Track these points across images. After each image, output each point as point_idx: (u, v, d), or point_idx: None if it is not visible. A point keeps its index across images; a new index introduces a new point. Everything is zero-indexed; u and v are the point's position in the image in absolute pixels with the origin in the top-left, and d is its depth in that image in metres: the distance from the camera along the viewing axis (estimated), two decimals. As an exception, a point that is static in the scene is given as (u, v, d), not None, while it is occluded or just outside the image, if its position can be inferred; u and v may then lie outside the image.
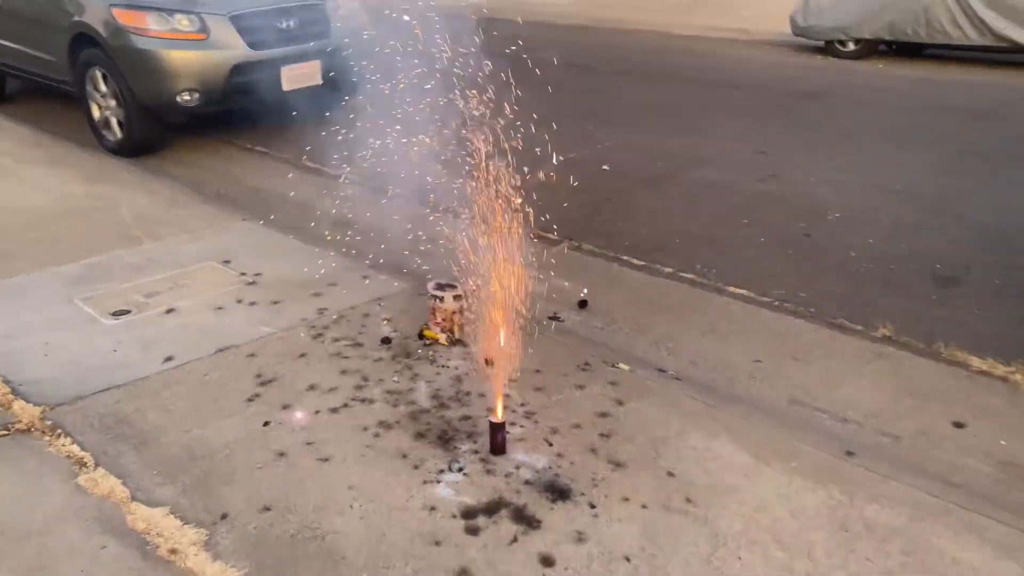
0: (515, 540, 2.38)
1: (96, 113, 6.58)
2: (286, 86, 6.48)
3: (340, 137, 6.40)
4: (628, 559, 2.32)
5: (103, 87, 6.40)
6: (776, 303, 3.99)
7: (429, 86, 4.36)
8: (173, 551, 2.32)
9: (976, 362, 3.41)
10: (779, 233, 4.84)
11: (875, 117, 7.51)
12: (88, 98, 6.55)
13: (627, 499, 2.56)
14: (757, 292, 4.08)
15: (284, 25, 6.45)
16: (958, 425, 3.04)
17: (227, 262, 4.36)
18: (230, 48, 6.20)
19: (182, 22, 6.13)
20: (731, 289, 4.13)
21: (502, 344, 2.93)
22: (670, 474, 2.69)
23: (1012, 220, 4.91)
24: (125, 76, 6.16)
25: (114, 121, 6.45)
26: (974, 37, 9.24)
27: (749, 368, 3.45)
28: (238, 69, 6.24)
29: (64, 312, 3.80)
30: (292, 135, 6.83)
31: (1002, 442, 2.94)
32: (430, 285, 3.54)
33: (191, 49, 6.15)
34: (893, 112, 7.67)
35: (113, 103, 6.37)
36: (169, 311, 3.81)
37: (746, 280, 4.21)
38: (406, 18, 3.84)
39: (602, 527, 2.44)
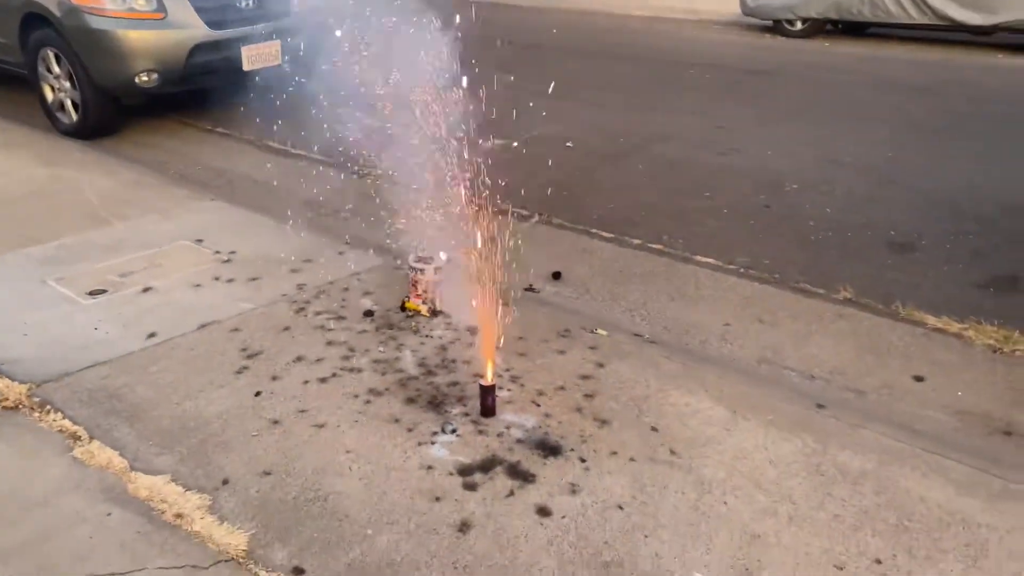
0: (512, 494, 2.48)
1: (49, 95, 6.45)
2: (247, 66, 6.43)
3: (303, 117, 6.39)
4: (620, 507, 2.44)
5: (56, 68, 6.27)
6: (741, 270, 4.14)
7: (392, 68, 4.40)
8: (178, 515, 2.37)
9: (932, 320, 3.60)
10: (740, 204, 5.00)
11: (824, 93, 7.74)
12: (41, 80, 6.42)
13: (615, 453, 2.68)
14: (723, 260, 4.23)
15: (243, 4, 6.39)
16: (918, 379, 3.23)
17: (200, 241, 4.35)
18: (189, 28, 6.12)
19: (139, 1, 6.03)
20: (698, 258, 4.27)
21: (485, 313, 3.02)
22: (653, 429, 2.81)
23: (958, 189, 5.15)
24: (80, 57, 6.05)
25: (68, 103, 6.33)
26: (915, 16, 9.55)
27: (719, 331, 3.59)
28: (198, 49, 6.17)
29: (38, 293, 3.77)
30: (253, 115, 6.79)
31: (959, 393, 3.13)
32: (410, 258, 3.61)
33: (149, 29, 6.06)
34: (841, 88, 7.91)
35: (67, 85, 6.25)
36: (146, 290, 3.80)
37: (712, 249, 4.36)
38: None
39: (593, 479, 2.56)
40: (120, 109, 6.49)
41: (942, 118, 6.83)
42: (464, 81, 3.49)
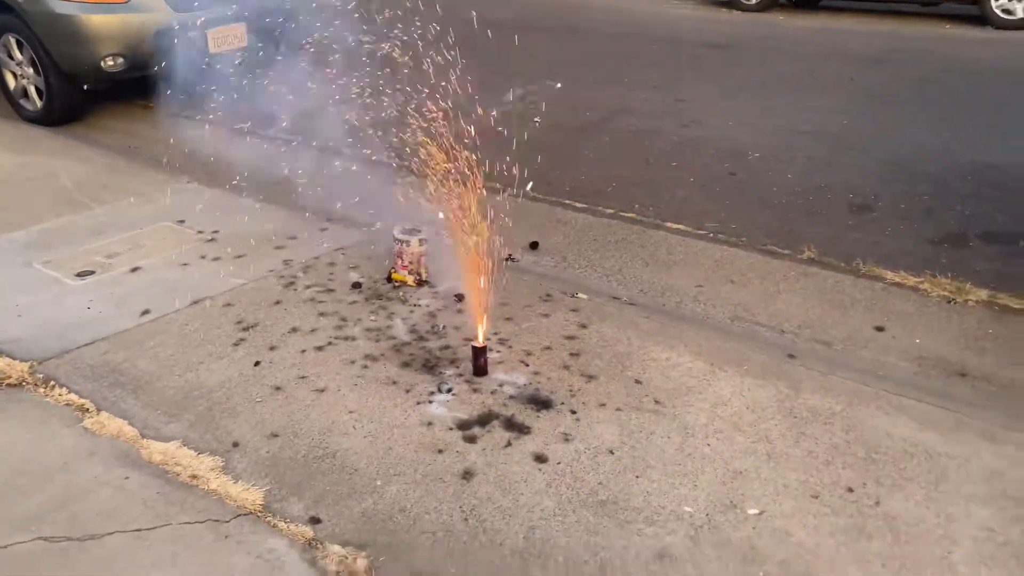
0: (509, 444, 2.64)
1: (12, 82, 6.40)
2: (213, 48, 6.44)
3: (271, 97, 6.43)
4: (611, 452, 2.61)
5: (18, 54, 6.23)
6: (711, 235, 4.33)
7: (356, 43, 4.48)
8: (194, 476, 2.49)
9: (890, 275, 3.82)
10: (706, 174, 5.19)
11: (781, 65, 7.96)
12: (2, 67, 6.37)
13: (603, 404, 2.85)
14: (693, 226, 4.42)
15: (207, -14, 6.39)
16: (879, 329, 3.45)
17: (181, 222, 4.42)
18: (153, 11, 6.12)
19: (101, -15, 6.01)
20: (669, 225, 4.45)
21: (472, 280, 3.16)
22: (637, 382, 2.99)
23: (911, 153, 5.40)
24: (43, 43, 6.01)
25: (32, 89, 6.29)
26: (866, -12, 9.81)
27: (693, 292, 3.78)
28: (163, 32, 6.16)
29: (26, 276, 3.82)
30: (220, 98, 6.81)
31: (916, 340, 3.35)
32: (395, 230, 3.72)
33: (113, 13, 6.04)
34: (797, 60, 8.14)
35: (31, 71, 6.21)
36: (134, 270, 3.87)
37: (681, 216, 4.54)
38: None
39: (585, 428, 2.73)
40: (85, 95, 6.46)
41: (894, 87, 7.09)
42: (429, 60, 3.61)
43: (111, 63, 6.06)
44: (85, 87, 6.42)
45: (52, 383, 2.98)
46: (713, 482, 2.49)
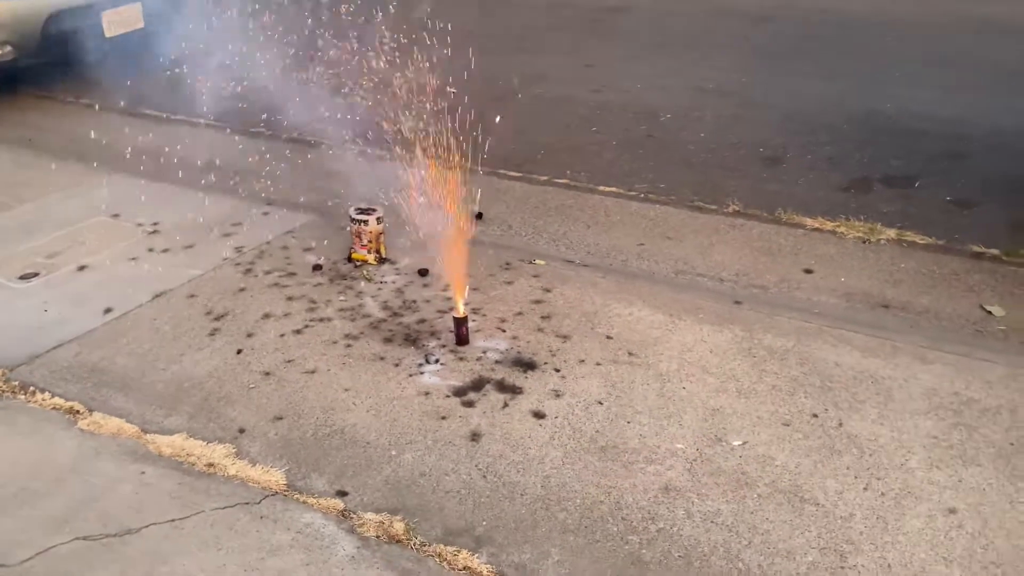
0: (506, 405, 2.82)
1: None
2: (108, 32, 6.22)
3: (174, 80, 6.27)
4: (600, 402, 2.84)
5: None
6: (642, 195, 4.59)
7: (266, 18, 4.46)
8: (210, 465, 2.55)
9: (809, 222, 4.19)
10: (626, 136, 5.45)
11: (676, 26, 8.30)
12: None
13: (583, 361, 3.07)
14: (624, 188, 4.67)
15: (99, -33, 6.13)
16: (807, 271, 3.80)
17: (116, 215, 4.33)
18: (43, -4, 5.84)
19: (-18, -30, 5.68)
20: (601, 188, 4.68)
21: (441, 254, 3.30)
22: (608, 337, 3.22)
23: (808, 106, 5.82)
24: (-76, 33, 5.65)
25: (-89, 84, 5.91)
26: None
27: (636, 250, 4.03)
28: (54, 18, 5.90)
29: (-35, 283, 3.69)
30: (118, 83, 6.57)
31: (841, 279, 3.72)
32: (351, 211, 3.79)
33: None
34: (689, 20, 8.49)
35: (-91, 64, 5.83)
36: (82, 268, 3.80)
37: (612, 179, 4.78)
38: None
39: (571, 384, 2.94)
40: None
41: (780, 42, 7.53)
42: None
43: None
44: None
45: (32, 388, 2.94)
46: (696, 420, 2.75)
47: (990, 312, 3.46)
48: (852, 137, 5.26)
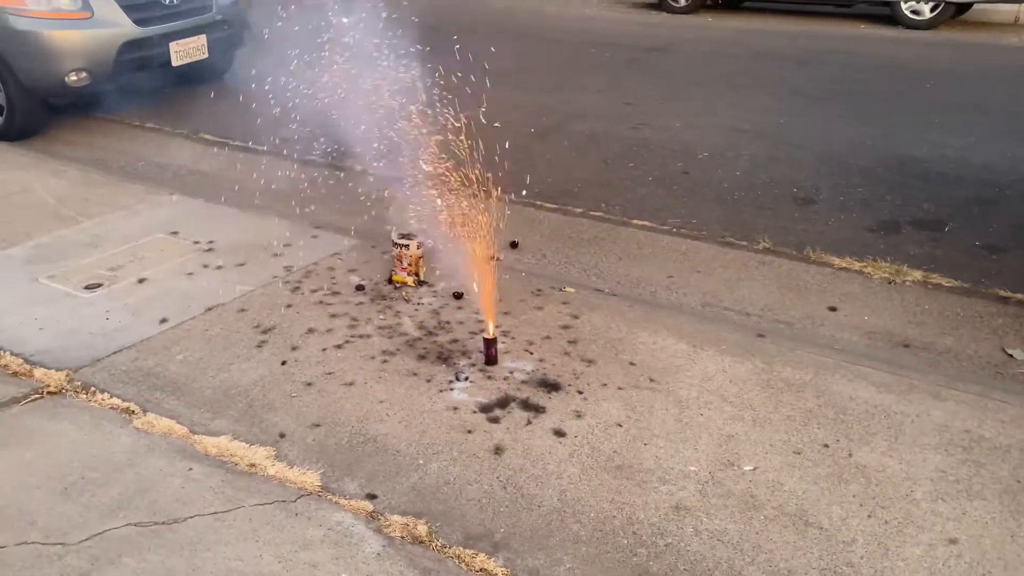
0: (529, 423, 2.98)
1: (-29, 98, 6.41)
2: (175, 61, 6.59)
3: (237, 109, 6.61)
4: (620, 424, 2.98)
5: (-22, 71, 6.25)
6: (673, 230, 4.74)
7: (311, 56, 4.72)
8: (252, 465, 2.75)
9: (837, 261, 4.29)
10: (662, 173, 5.62)
11: (715, 66, 8.48)
12: (-39, 83, 6.37)
13: (605, 385, 3.21)
14: (657, 222, 4.83)
15: (168, 1, 6.52)
16: (832, 309, 3.90)
17: (175, 233, 4.60)
18: (117, 26, 6.23)
19: (63, 2, 6.09)
20: (635, 222, 4.85)
21: (475, 279, 3.49)
22: (632, 364, 3.36)
23: (842, 148, 5.93)
24: (5, 59, 6.06)
25: (-7, 105, 6.33)
26: (788, -9, 10.45)
27: (664, 282, 4.18)
28: (127, 46, 6.28)
29: (36, 291, 3.97)
30: (182, 109, 6.96)
31: (865, 318, 3.82)
32: (393, 235, 4.01)
33: (76, 28, 6.14)
34: (730, 61, 8.67)
35: (-8, 87, 6.25)
36: (141, 280, 4.06)
37: (645, 213, 4.94)
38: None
39: (592, 406, 3.08)
40: (48, 109, 6.53)
41: (819, 85, 7.67)
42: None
43: (75, 78, 6.16)
44: (49, 102, 6.50)
45: (92, 389, 3.18)
46: (710, 445, 2.87)
47: (1011, 355, 3.53)
48: (885, 180, 5.35)
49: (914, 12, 9.89)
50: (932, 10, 9.80)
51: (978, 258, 4.36)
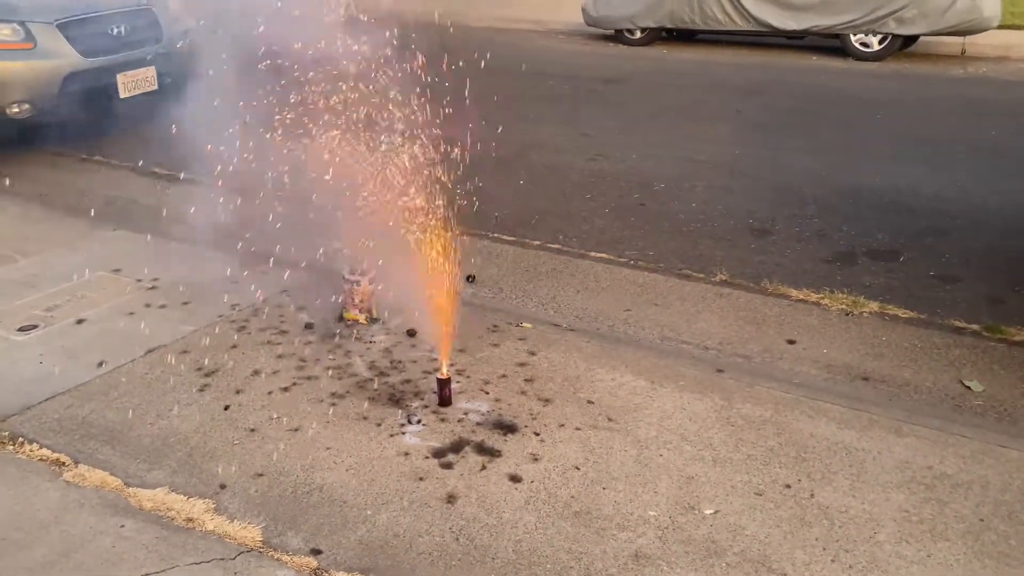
0: (484, 468, 2.87)
1: (-94, 130, 6.18)
2: (123, 93, 6.43)
3: (184, 141, 6.45)
4: (577, 468, 2.88)
5: (-87, 102, 6.03)
6: (631, 262, 4.69)
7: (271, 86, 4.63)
8: (189, 519, 2.60)
9: (794, 293, 4.27)
10: (619, 204, 5.58)
11: (670, 98, 8.54)
12: None
13: (563, 425, 3.12)
14: (614, 254, 4.78)
15: (115, 31, 6.38)
16: (790, 342, 3.86)
17: (117, 271, 4.43)
18: (61, 57, 6.08)
19: (4, 32, 5.94)
20: (592, 254, 4.79)
21: (428, 316, 3.39)
22: (589, 402, 3.27)
23: (797, 179, 5.97)
24: (-57, 89, 5.86)
25: (-71, 138, 6.11)
26: (740, 23, 10.62)
27: (622, 316, 4.11)
28: (72, 78, 6.12)
29: (-35, 333, 3.77)
30: (129, 142, 6.78)
31: (824, 351, 3.79)
32: (344, 272, 3.89)
33: (18, 59, 5.97)
34: (683, 92, 8.74)
35: (-72, 119, 6.03)
36: (80, 321, 3.88)
37: (602, 245, 4.89)
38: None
39: (549, 448, 2.98)
40: (-13, 141, 6.33)
41: (773, 116, 7.74)
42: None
43: (16, 110, 5.99)
44: (-11, 134, 6.29)
45: (20, 439, 3.00)
46: (671, 487, 2.79)
47: (969, 387, 3.51)
48: (839, 211, 5.38)
49: (863, 44, 10.09)
50: (880, 42, 10.01)
51: (933, 288, 4.37)
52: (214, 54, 6.98)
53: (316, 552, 2.49)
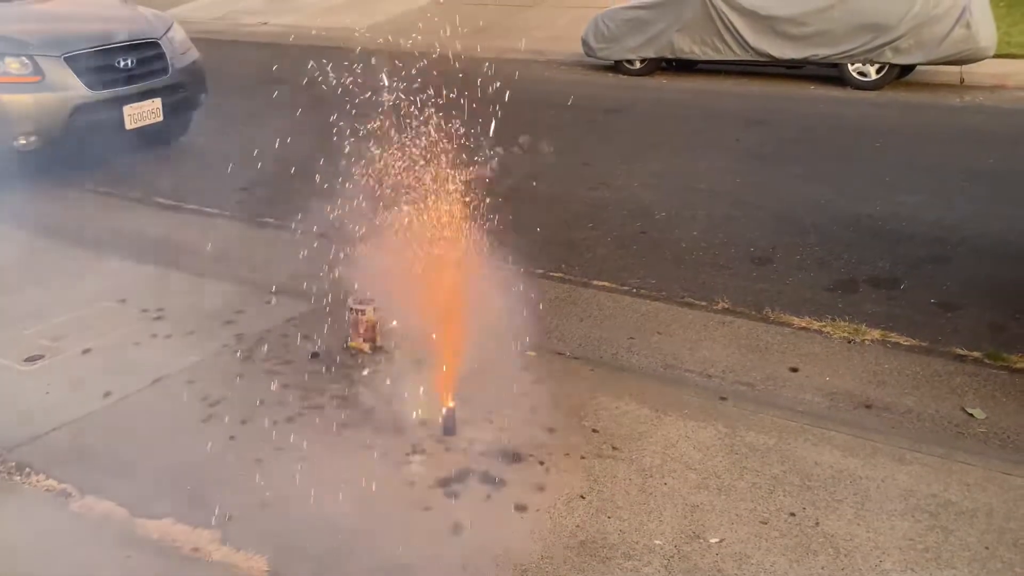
0: (489, 497, 2.88)
1: (-85, 162, 6.24)
2: (129, 124, 6.50)
3: (190, 171, 6.53)
4: (582, 496, 2.89)
5: (-78, 134, 6.10)
6: (634, 290, 4.72)
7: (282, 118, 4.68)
8: (195, 549, 2.60)
9: (797, 321, 4.29)
10: (620, 233, 5.62)
11: (670, 127, 8.62)
12: (-96, 147, 6.21)
13: (567, 454, 3.13)
14: (617, 283, 4.81)
15: (122, 64, 6.47)
16: (793, 370, 3.88)
17: (123, 301, 4.46)
18: (68, 89, 6.15)
19: (12, 65, 6.02)
20: (595, 282, 4.82)
21: (434, 346, 3.41)
22: (594, 431, 3.28)
23: (797, 207, 6.01)
24: (-49, 122, 5.94)
25: (-64, 169, 6.16)
26: (739, 53, 10.72)
27: (626, 344, 4.13)
28: (79, 110, 6.20)
29: (-28, 364, 3.79)
30: (136, 173, 6.84)
31: (826, 378, 3.80)
32: (350, 301, 3.92)
33: (26, 92, 6.05)
34: (684, 122, 8.83)
35: (-64, 150, 6.10)
36: (86, 351, 3.91)
37: (605, 274, 4.93)
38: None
39: (554, 477, 2.99)
40: (-3, 173, 6.38)
41: (772, 145, 7.81)
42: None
43: (24, 142, 6.06)
44: (-4, 166, 6.34)
45: (27, 469, 3.01)
46: (676, 516, 2.79)
47: (971, 415, 3.52)
48: (840, 239, 5.42)
49: (861, 74, 10.19)
50: (878, 72, 10.10)
51: (934, 316, 4.39)
52: (218, 84, 7.07)
53: (323, 582, 2.49)
